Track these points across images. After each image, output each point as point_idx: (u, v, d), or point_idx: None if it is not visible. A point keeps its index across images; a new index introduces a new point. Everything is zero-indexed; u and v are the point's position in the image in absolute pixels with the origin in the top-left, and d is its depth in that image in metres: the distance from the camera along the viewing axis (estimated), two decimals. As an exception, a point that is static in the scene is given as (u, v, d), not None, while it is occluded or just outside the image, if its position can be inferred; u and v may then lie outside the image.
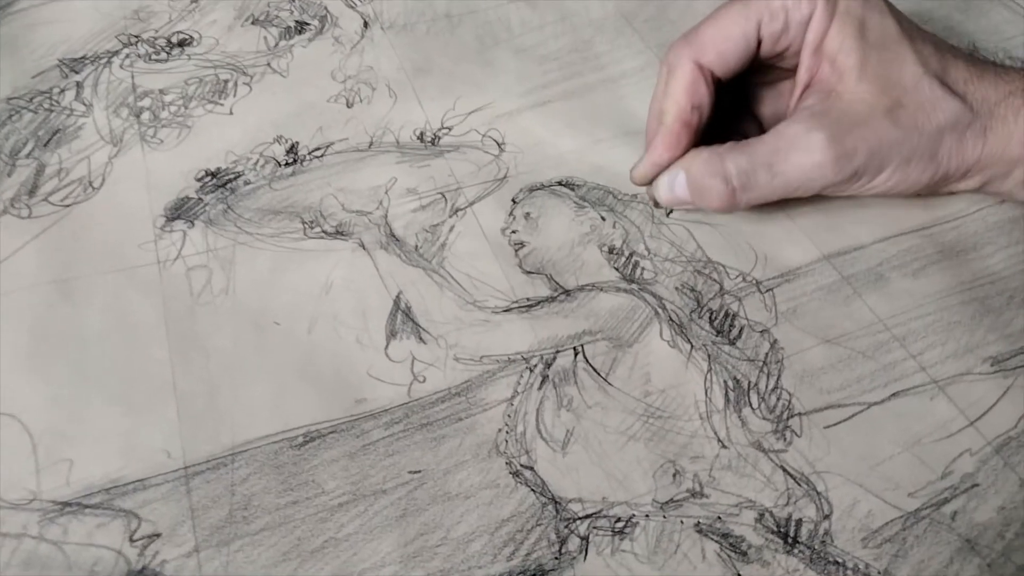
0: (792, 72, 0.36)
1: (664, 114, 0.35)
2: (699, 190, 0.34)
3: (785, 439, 0.30)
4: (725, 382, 0.32)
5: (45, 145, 0.40)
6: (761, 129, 0.39)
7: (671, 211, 0.38)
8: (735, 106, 0.39)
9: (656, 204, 0.37)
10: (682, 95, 0.34)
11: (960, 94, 0.33)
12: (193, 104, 0.43)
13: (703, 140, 0.35)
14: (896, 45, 0.33)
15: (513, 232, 0.37)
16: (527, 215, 0.38)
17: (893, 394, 0.32)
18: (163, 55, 0.46)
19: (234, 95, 0.43)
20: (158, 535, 0.28)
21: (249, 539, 0.28)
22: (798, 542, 0.28)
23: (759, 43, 0.35)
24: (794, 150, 0.33)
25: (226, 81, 0.44)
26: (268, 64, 0.45)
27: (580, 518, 0.28)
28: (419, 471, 0.29)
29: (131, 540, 0.27)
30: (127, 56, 0.45)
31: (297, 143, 0.41)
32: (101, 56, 0.45)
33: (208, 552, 0.27)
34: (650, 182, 0.37)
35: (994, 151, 0.34)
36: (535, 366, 0.32)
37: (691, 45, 0.35)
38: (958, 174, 0.34)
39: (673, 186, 0.35)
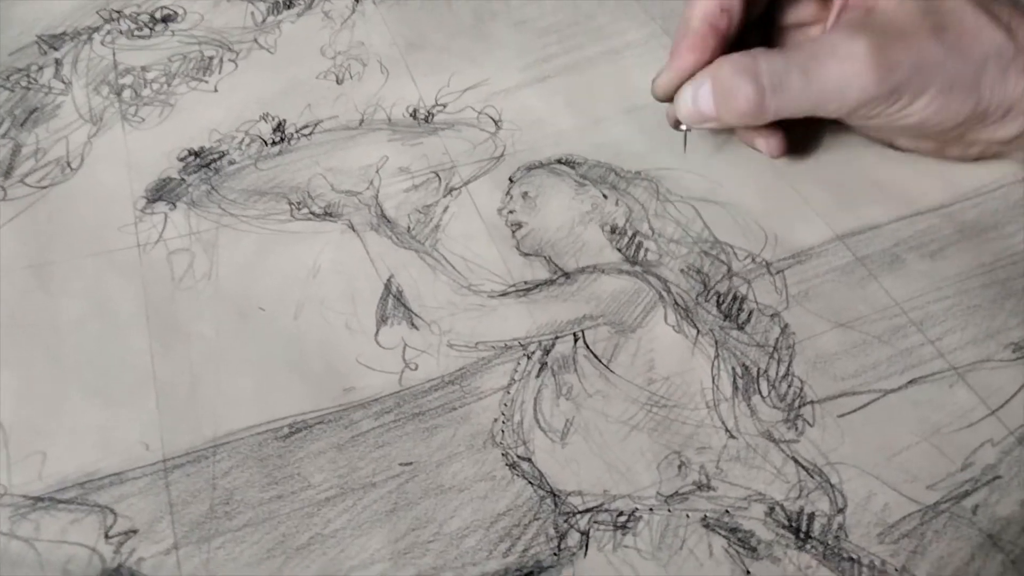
0: None
1: (691, 19, 0.33)
2: (725, 95, 0.32)
3: (797, 428, 0.29)
4: (733, 369, 0.30)
5: (22, 124, 0.39)
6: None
7: (688, 130, 0.35)
8: (760, 24, 0.37)
9: (676, 125, 0.35)
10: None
11: (1005, 24, 0.32)
12: (176, 81, 0.41)
13: None
14: None
15: (510, 212, 0.36)
16: (525, 194, 0.36)
17: (910, 381, 0.30)
18: (146, 31, 0.44)
19: (219, 72, 0.41)
20: (135, 531, 0.26)
21: (231, 535, 0.26)
22: (810, 537, 0.26)
23: None
24: (833, 57, 0.31)
25: (211, 58, 0.42)
26: (255, 40, 0.43)
27: (580, 512, 0.27)
28: (410, 463, 0.28)
29: (106, 537, 0.26)
30: (108, 32, 0.44)
31: (284, 121, 0.39)
32: (81, 32, 0.44)
33: (188, 549, 0.26)
34: (671, 97, 0.34)
35: None
36: (533, 353, 0.31)
37: None
38: (999, 112, 0.32)
39: (697, 97, 0.33)
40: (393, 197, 0.36)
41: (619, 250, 0.34)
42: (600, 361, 0.31)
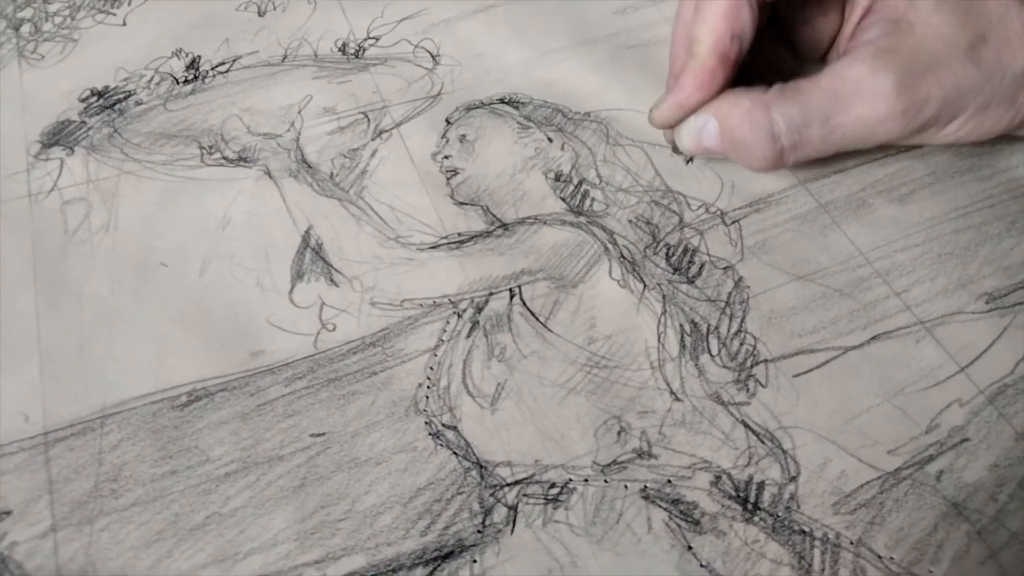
0: None
1: (696, 44, 0.28)
2: (737, 145, 0.29)
3: (748, 390, 0.26)
4: (681, 326, 0.28)
5: (-96, 62, 0.35)
6: (793, 58, 0.33)
7: (692, 159, 0.32)
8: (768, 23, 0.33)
9: (676, 150, 0.32)
10: (720, 20, 0.27)
11: None
12: (81, 15, 0.37)
13: None
14: None
15: (445, 157, 0.32)
16: (462, 137, 0.33)
17: (873, 337, 0.27)
18: (49, -41, 0.39)
19: (128, 3, 0.37)
20: (8, 512, 0.23)
21: (117, 516, 0.23)
22: (759, 508, 0.24)
23: None
24: (857, 99, 0.27)
25: (120, -12, 0.38)
26: (169, -32, 0.39)
27: (508, 484, 0.24)
28: (323, 434, 0.25)
29: (-22, 519, 0.23)
30: (7, -39, 0.39)
31: (199, 58, 0.35)
32: (-22, -39, 0.39)
33: (67, 532, 0.23)
34: (673, 125, 0.30)
35: None
36: (464, 311, 0.28)
37: None
38: None
39: (702, 135, 0.29)
40: (316, 140, 0.32)
41: (563, 199, 0.31)
42: (537, 319, 0.28)
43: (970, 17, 0.28)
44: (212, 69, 0.35)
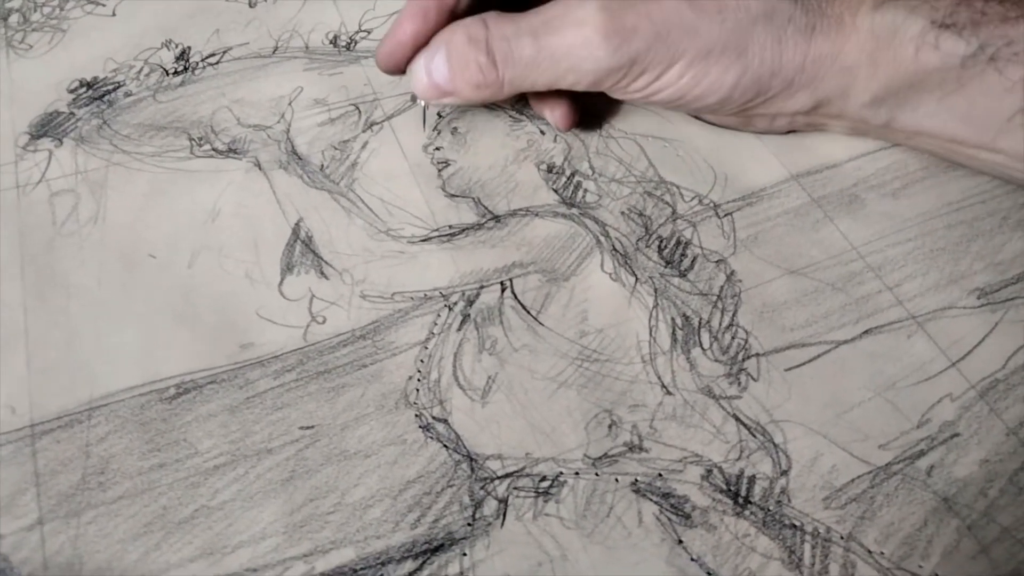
0: None
1: None
2: (458, 66, 0.28)
3: (739, 383, 0.26)
4: (673, 319, 0.28)
5: None
6: None
7: (426, 121, 0.31)
8: None
9: (415, 99, 0.30)
10: None
11: None
12: (70, 5, 0.37)
13: None
14: None
15: (437, 149, 0.32)
16: (454, 130, 0.33)
17: (865, 331, 0.27)
18: (38, -51, 0.39)
19: (118, -6, 0.37)
20: (-5, 506, 0.23)
21: (104, 508, 0.23)
22: (750, 502, 0.24)
23: None
24: (565, 23, 0.27)
25: (110, -22, 0.38)
26: (160, -42, 0.39)
27: (499, 477, 0.24)
28: (312, 426, 0.25)
29: (-37, 512, 0.23)
30: (-4, -50, 0.39)
31: (189, 49, 0.35)
32: (-34, -50, 0.39)
33: (53, 525, 0.23)
34: (398, 65, 0.29)
35: (823, 55, 0.27)
36: (455, 304, 0.28)
37: None
38: (777, 84, 0.28)
39: (431, 69, 0.28)
40: (306, 132, 0.32)
41: (555, 191, 0.31)
42: (528, 312, 0.28)
43: None
44: (202, 60, 0.35)
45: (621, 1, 0.27)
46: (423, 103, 0.31)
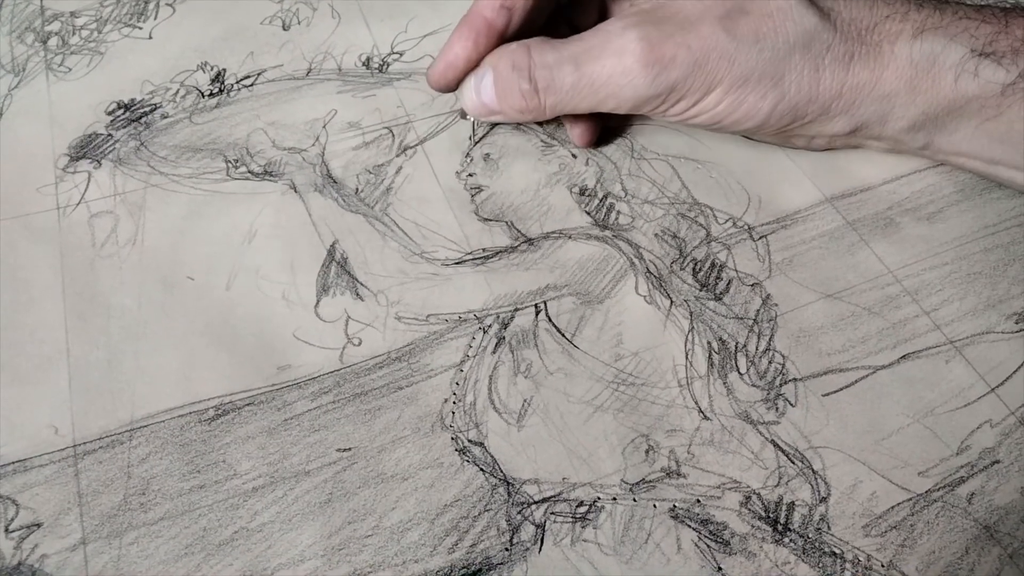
0: None
1: (472, 5, 0.29)
2: (503, 90, 0.29)
3: (777, 409, 0.26)
4: (709, 343, 0.27)
5: (-66, 74, 0.35)
6: None
7: (475, 134, 0.32)
8: (595, 12, 0.33)
9: (463, 115, 0.32)
10: None
11: (824, 9, 0.28)
12: (108, 28, 0.37)
13: None
14: None
15: (470, 175, 0.32)
16: (486, 156, 0.33)
17: (903, 356, 0.27)
18: (77, -27, 0.40)
19: (155, 17, 0.38)
20: (39, 525, 0.23)
21: (145, 529, 0.23)
22: (789, 530, 0.24)
23: None
24: (606, 51, 0.28)
25: (147, 2, 0.38)
26: (196, -18, 0.39)
27: (536, 502, 0.24)
28: (349, 449, 0.25)
29: (7, 531, 0.23)
30: (36, -26, 0.40)
31: (224, 71, 0.35)
32: (7, -26, 0.40)
33: (96, 545, 0.23)
34: (448, 85, 0.30)
35: (861, 84, 0.28)
36: (489, 326, 0.28)
37: None
38: (814, 110, 0.28)
39: (480, 89, 0.29)
40: (341, 156, 0.33)
41: (588, 213, 0.31)
42: (563, 335, 0.28)
43: None
44: (237, 82, 0.35)
45: (659, 29, 0.27)
46: (471, 118, 0.32)
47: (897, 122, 0.29)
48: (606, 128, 0.33)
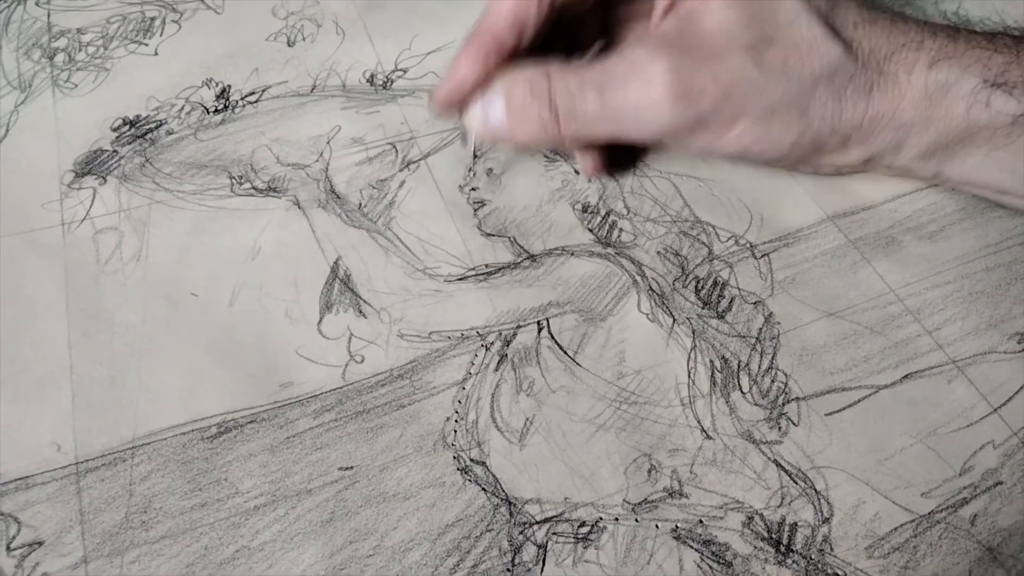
0: None
1: (480, 21, 0.28)
2: (518, 116, 0.28)
3: (780, 428, 0.26)
4: (711, 362, 0.27)
5: (-59, 90, 0.35)
6: None
7: (478, 155, 0.31)
8: (595, 29, 0.32)
9: (464, 141, 0.30)
10: (506, 4, 0.27)
11: (846, 40, 0.27)
12: (114, 45, 0.38)
13: None
14: None
15: (473, 190, 0.32)
16: (489, 171, 0.33)
17: (905, 376, 0.27)
18: (84, -11, 0.40)
19: (160, 34, 0.38)
20: (40, 543, 0.23)
21: (147, 548, 0.23)
22: (792, 551, 0.24)
23: None
24: (631, 80, 0.27)
25: (153, 19, 0.39)
26: (201, -1, 0.40)
27: (538, 522, 0.24)
28: (351, 467, 0.25)
29: (8, 549, 0.23)
30: (43, -10, 0.40)
31: (229, 87, 0.36)
32: (14, -10, 0.40)
33: (98, 563, 0.23)
34: (454, 107, 0.29)
35: (881, 114, 0.28)
36: (492, 343, 0.28)
37: None
38: (835, 140, 0.28)
39: (488, 115, 0.28)
40: (344, 171, 0.33)
41: (591, 230, 0.31)
42: (566, 353, 0.28)
43: (758, 18, 0.27)
44: (242, 99, 0.35)
45: (688, 60, 0.27)
46: (472, 146, 0.31)
47: (910, 151, 0.29)
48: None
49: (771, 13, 0.27)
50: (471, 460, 0.25)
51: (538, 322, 0.29)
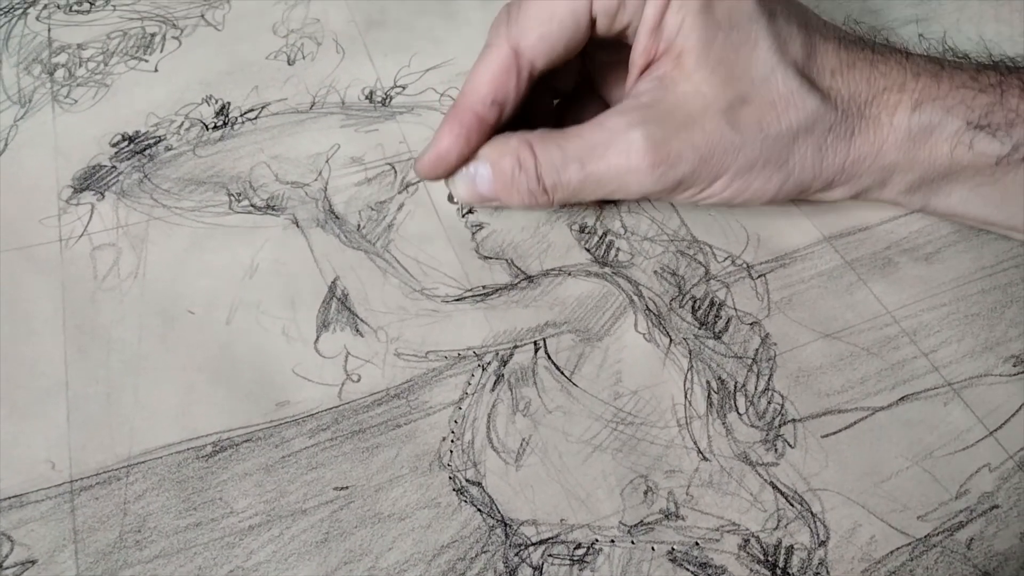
0: None
1: (459, 97, 0.29)
2: (506, 186, 0.29)
3: (776, 450, 0.26)
4: (708, 383, 0.28)
5: (-59, 105, 0.35)
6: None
7: (468, 210, 0.32)
8: (580, 86, 0.33)
9: (451, 199, 0.32)
10: (484, 83, 0.28)
11: (823, 89, 0.28)
12: (114, 60, 0.38)
13: (533, 124, 0.30)
14: (749, 24, 0.27)
15: (470, 212, 0.33)
16: (487, 188, 0.33)
17: (901, 398, 0.27)
18: (85, 5, 0.40)
19: (161, 50, 0.38)
20: (33, 562, 0.23)
21: (141, 567, 0.23)
22: (788, 574, 0.24)
23: (593, 21, 0.28)
24: (611, 149, 0.27)
25: (153, 35, 0.39)
26: (202, 16, 0.40)
27: (533, 544, 0.24)
28: (346, 487, 0.25)
29: (0, 568, 0.23)
30: (45, 6, 0.40)
31: (228, 104, 0.36)
32: (16, 6, 0.40)
33: (90, 585, 0.23)
34: (439, 176, 0.30)
35: (863, 157, 0.28)
36: (489, 364, 0.28)
37: (511, 23, 0.28)
38: (818, 184, 0.29)
39: (475, 180, 0.29)
40: (343, 191, 0.33)
41: (588, 250, 0.31)
42: (562, 373, 0.28)
43: (732, 76, 0.27)
44: (241, 116, 0.35)
45: (663, 127, 0.27)
46: (459, 206, 0.32)
47: (895, 187, 0.29)
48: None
49: (745, 70, 0.27)
50: (467, 481, 0.25)
51: (535, 342, 0.29)
